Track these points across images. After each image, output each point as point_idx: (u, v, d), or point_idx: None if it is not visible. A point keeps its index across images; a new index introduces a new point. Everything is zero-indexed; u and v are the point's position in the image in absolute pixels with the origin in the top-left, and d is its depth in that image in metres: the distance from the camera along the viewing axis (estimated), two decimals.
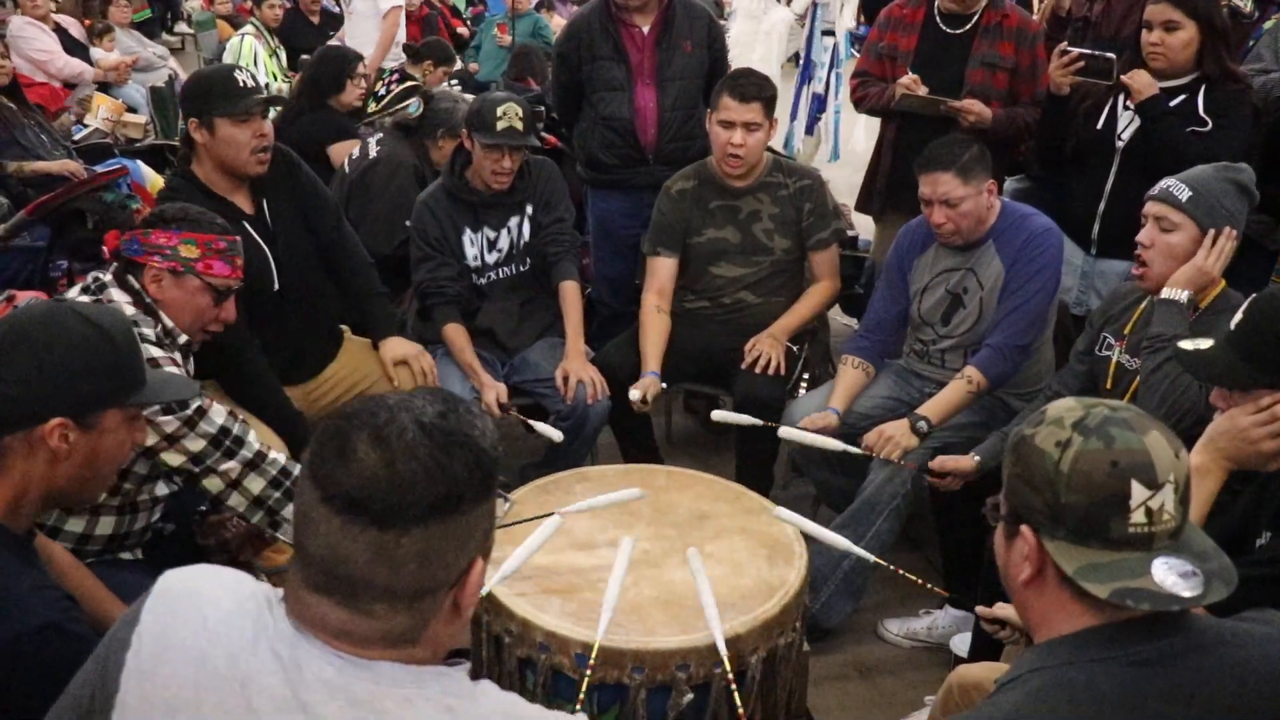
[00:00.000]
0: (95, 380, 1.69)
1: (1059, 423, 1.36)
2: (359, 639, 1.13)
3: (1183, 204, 2.50)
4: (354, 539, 1.08)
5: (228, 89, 2.89)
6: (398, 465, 1.09)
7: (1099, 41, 3.96)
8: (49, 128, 5.05)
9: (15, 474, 1.65)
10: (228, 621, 1.15)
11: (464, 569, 1.15)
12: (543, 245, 3.57)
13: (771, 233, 3.56)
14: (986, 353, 3.06)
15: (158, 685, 1.15)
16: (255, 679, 1.11)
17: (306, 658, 1.12)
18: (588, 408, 3.33)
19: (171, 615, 1.18)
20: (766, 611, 2.16)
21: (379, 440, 1.10)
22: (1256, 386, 1.89)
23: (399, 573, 1.09)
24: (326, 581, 1.11)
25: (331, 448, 1.11)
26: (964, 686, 2.06)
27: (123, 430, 1.76)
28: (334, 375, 3.28)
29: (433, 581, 1.12)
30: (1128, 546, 1.31)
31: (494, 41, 8.64)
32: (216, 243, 2.45)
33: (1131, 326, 2.67)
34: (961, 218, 3.03)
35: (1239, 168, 2.57)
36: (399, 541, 1.08)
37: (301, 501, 1.12)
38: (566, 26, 4.25)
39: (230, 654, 1.13)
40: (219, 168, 2.95)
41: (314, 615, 1.13)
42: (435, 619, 1.15)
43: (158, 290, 2.40)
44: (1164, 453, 1.33)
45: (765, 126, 3.42)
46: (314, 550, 1.10)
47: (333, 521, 1.09)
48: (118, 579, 2.19)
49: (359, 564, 1.09)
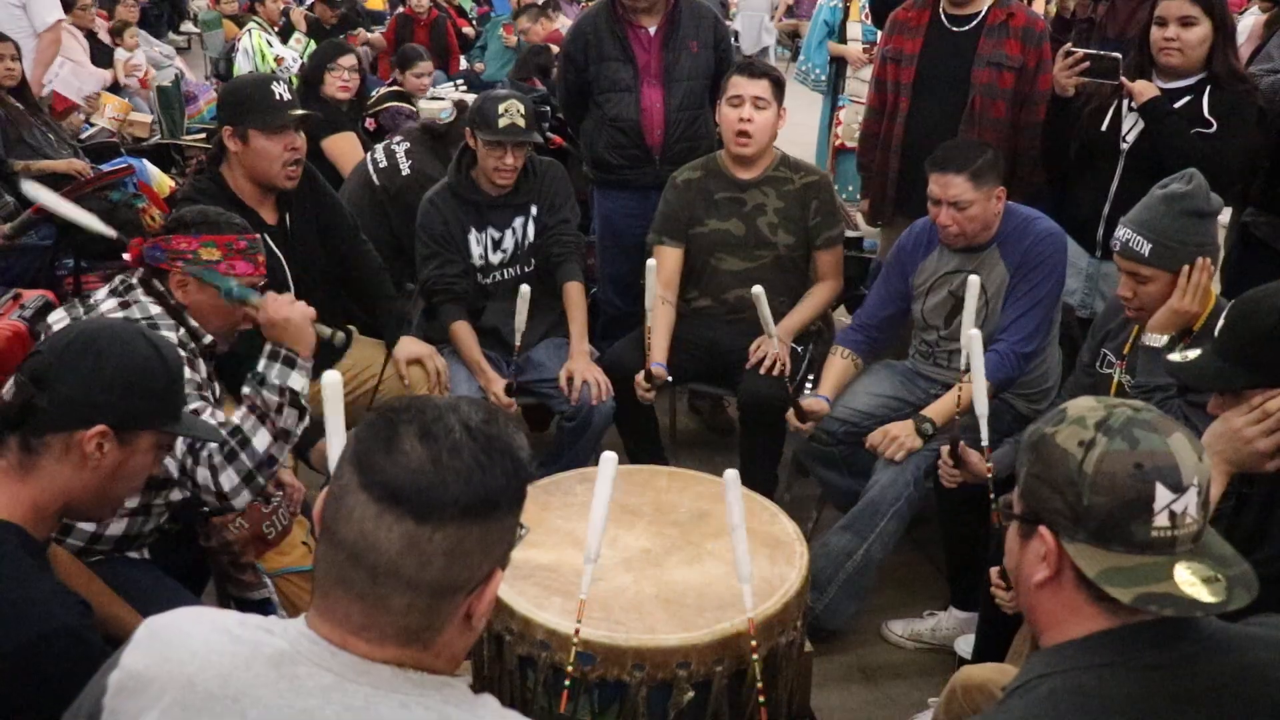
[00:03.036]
0: (145, 399, 1.76)
1: (1081, 422, 1.35)
2: (376, 635, 1.13)
3: (1146, 259, 2.47)
4: (388, 528, 1.10)
5: (265, 101, 2.92)
6: (443, 461, 1.11)
7: (1104, 42, 3.96)
8: (56, 127, 5.06)
9: (44, 477, 1.68)
10: (218, 649, 1.15)
11: (484, 576, 1.17)
12: (547, 246, 3.58)
13: (775, 227, 3.55)
14: (991, 357, 3.05)
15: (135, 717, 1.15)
16: (250, 692, 1.11)
17: (305, 666, 1.12)
18: (592, 408, 3.33)
19: (152, 652, 1.18)
20: (768, 610, 2.15)
21: (426, 436, 1.12)
22: (1246, 387, 1.89)
23: (426, 567, 1.11)
24: (352, 570, 1.12)
25: (378, 438, 1.13)
26: (967, 688, 2.06)
27: (150, 454, 1.82)
28: (343, 373, 3.27)
29: (456, 581, 1.13)
30: (1150, 550, 1.30)
31: (500, 41, 8.65)
32: (237, 242, 2.46)
33: (1129, 346, 2.67)
34: (968, 221, 3.03)
35: (1187, 191, 2.49)
36: (432, 536, 1.10)
37: (338, 485, 1.13)
38: (573, 27, 4.25)
39: (222, 675, 1.13)
40: (248, 176, 2.98)
41: (337, 612, 1.14)
42: (450, 625, 1.16)
43: (184, 295, 2.41)
44: (1188, 456, 1.31)
45: (774, 108, 3.45)
46: (345, 535, 1.12)
47: (370, 508, 1.10)
48: (125, 577, 2.21)
49: (389, 553, 1.10)
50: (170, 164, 5.51)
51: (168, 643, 1.18)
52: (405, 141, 4.27)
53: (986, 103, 3.63)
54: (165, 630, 1.21)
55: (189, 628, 1.20)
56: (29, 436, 1.68)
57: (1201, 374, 1.96)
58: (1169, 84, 3.26)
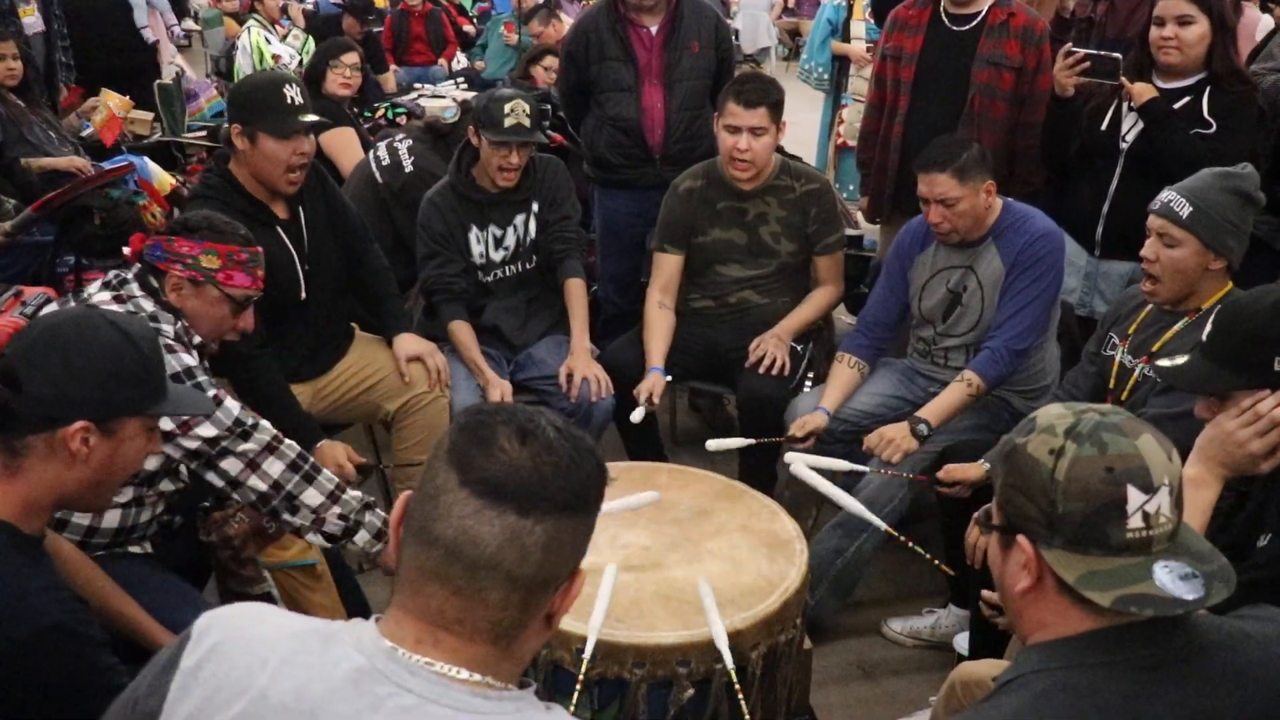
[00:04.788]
0: (121, 387, 1.71)
1: (1051, 430, 1.36)
2: (468, 630, 1.14)
3: (1183, 220, 2.46)
4: (490, 522, 1.12)
5: (276, 105, 2.91)
6: (542, 457, 1.15)
7: (1103, 42, 3.96)
8: (56, 124, 5.06)
9: (33, 475, 1.66)
10: (289, 659, 1.16)
11: (570, 573, 1.19)
12: (549, 243, 3.58)
13: (778, 235, 3.56)
14: (985, 355, 3.07)
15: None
16: (326, 708, 1.12)
17: (386, 686, 1.12)
18: (592, 406, 3.33)
19: (219, 656, 1.18)
20: (767, 608, 2.16)
21: (524, 434, 1.16)
22: (1234, 389, 1.89)
23: (525, 561, 1.13)
24: (448, 566, 1.13)
25: (475, 438, 1.16)
26: (966, 684, 2.06)
27: (140, 439, 1.77)
28: (344, 370, 3.29)
29: (549, 576, 1.16)
30: (1127, 552, 1.31)
31: (501, 40, 8.66)
32: (238, 254, 2.45)
33: (1136, 327, 2.67)
34: (958, 217, 3.03)
35: (1241, 174, 2.52)
36: (533, 529, 1.12)
37: (432, 486, 1.15)
38: (574, 26, 4.25)
39: (297, 689, 1.14)
40: (253, 176, 2.98)
41: (430, 608, 1.15)
42: (534, 622, 1.18)
43: (178, 298, 2.41)
44: (1157, 456, 1.33)
45: (772, 130, 3.41)
46: (442, 533, 1.13)
47: (470, 504, 1.12)
48: (127, 572, 2.21)
49: (490, 546, 1.12)
50: (171, 162, 5.51)
51: (234, 647, 1.19)
52: (408, 139, 4.28)
53: (985, 102, 3.63)
54: (230, 632, 1.21)
55: (254, 631, 1.20)
56: (10, 439, 1.65)
57: (1189, 377, 1.97)
58: (1169, 84, 3.26)
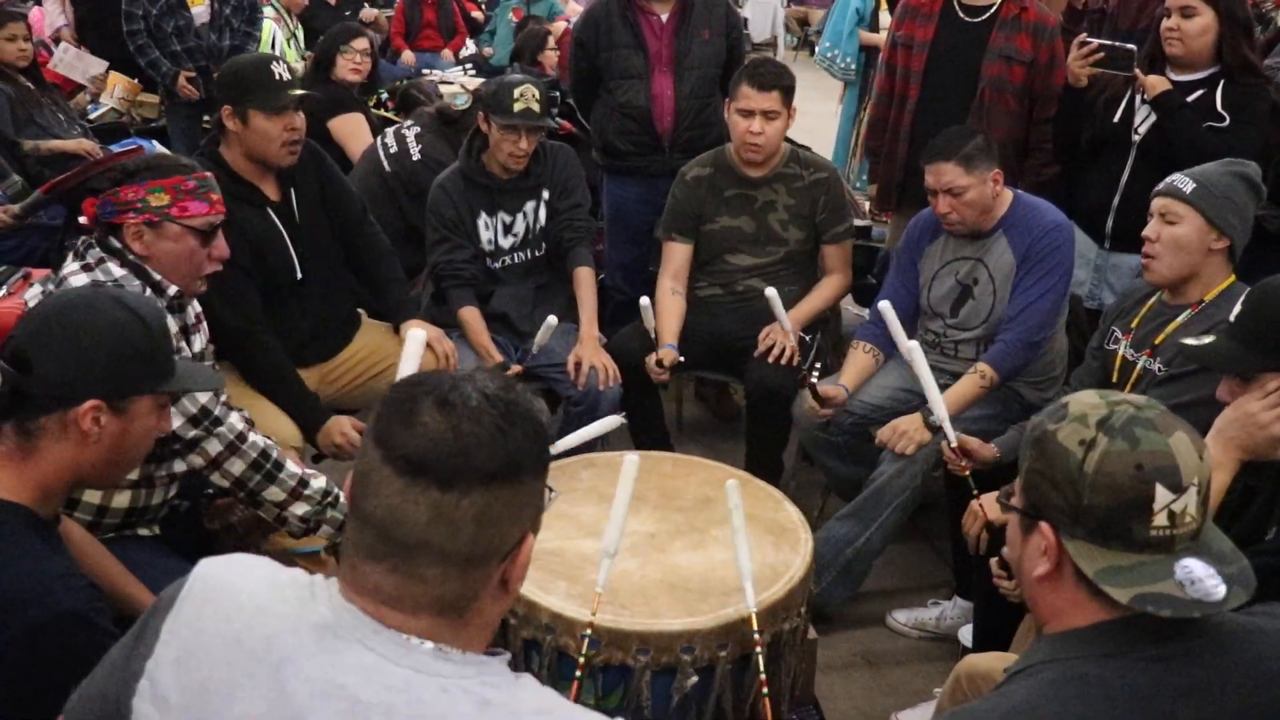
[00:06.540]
0: (130, 365, 1.71)
1: (1083, 420, 1.34)
2: (409, 606, 1.13)
3: (1187, 195, 2.48)
4: (414, 500, 1.10)
5: (264, 82, 2.91)
6: (463, 428, 1.11)
7: (1116, 33, 3.94)
8: (65, 107, 5.06)
9: (47, 457, 1.66)
10: (265, 607, 1.16)
11: (516, 541, 1.17)
12: (559, 230, 3.58)
13: (786, 224, 3.55)
14: (999, 347, 3.06)
15: (192, 671, 1.15)
16: (292, 660, 1.12)
17: (347, 642, 1.12)
18: (599, 393, 3.33)
19: (206, 603, 1.19)
20: (772, 596, 2.16)
21: (444, 405, 1.12)
22: (1261, 371, 1.89)
23: (456, 536, 1.11)
24: (382, 545, 1.12)
25: (397, 413, 1.13)
26: (971, 676, 2.06)
27: (151, 417, 1.77)
28: (352, 356, 3.29)
29: (487, 548, 1.14)
30: (1149, 549, 1.30)
31: (509, 26, 8.63)
32: (184, 183, 2.37)
33: (1139, 320, 2.67)
34: (965, 207, 3.03)
35: (1245, 163, 2.55)
36: (459, 503, 1.10)
37: (363, 464, 1.14)
38: (585, 13, 4.24)
39: (267, 637, 1.13)
40: (247, 155, 2.97)
41: (367, 585, 1.14)
42: (485, 591, 1.16)
43: (142, 247, 2.33)
44: (1189, 455, 1.31)
45: (784, 115, 3.43)
46: (371, 512, 1.12)
47: (395, 483, 1.10)
48: (135, 555, 2.20)
49: (418, 525, 1.10)
50: None
51: (219, 594, 1.19)
52: (416, 126, 4.27)
53: (995, 95, 3.61)
54: (218, 580, 1.21)
55: (239, 581, 1.20)
56: (23, 421, 1.65)
57: (1215, 356, 1.96)
58: (1182, 76, 3.25)
